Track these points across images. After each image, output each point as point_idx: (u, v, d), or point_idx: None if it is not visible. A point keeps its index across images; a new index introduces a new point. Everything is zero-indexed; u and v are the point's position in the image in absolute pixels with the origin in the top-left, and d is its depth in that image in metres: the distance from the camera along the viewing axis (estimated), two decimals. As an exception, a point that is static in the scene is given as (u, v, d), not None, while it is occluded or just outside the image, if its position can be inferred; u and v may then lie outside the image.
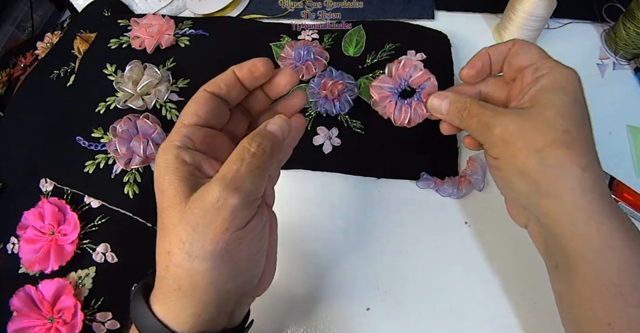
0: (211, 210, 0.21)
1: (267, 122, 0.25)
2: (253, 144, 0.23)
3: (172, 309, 0.23)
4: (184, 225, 0.22)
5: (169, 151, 0.24)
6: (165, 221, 0.23)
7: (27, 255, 0.39)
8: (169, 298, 0.23)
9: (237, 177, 0.22)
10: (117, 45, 0.51)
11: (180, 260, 0.22)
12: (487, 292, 0.37)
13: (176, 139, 0.24)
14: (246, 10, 0.55)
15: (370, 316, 0.36)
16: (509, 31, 0.47)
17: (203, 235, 0.21)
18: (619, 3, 0.49)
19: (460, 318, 0.36)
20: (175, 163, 0.23)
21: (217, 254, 0.22)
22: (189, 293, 0.23)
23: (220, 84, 0.27)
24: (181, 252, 0.22)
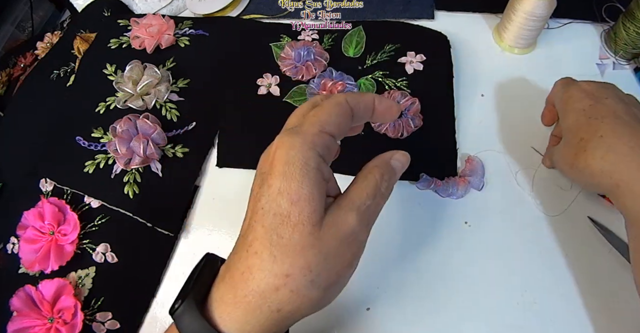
0: (345, 242, 0.21)
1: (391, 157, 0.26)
2: (384, 183, 0.24)
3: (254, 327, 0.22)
4: (316, 252, 0.21)
5: (311, 155, 0.22)
6: (292, 239, 0.21)
7: (27, 255, 0.39)
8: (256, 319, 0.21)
9: (369, 213, 0.22)
10: (117, 45, 0.51)
11: (301, 287, 0.21)
12: (487, 291, 0.37)
13: (318, 144, 0.22)
14: (246, 10, 0.55)
15: (370, 316, 0.36)
16: (509, 31, 0.47)
17: (332, 267, 0.21)
18: (619, 3, 0.49)
19: (460, 318, 0.36)
20: (316, 175, 0.22)
21: (333, 285, 0.22)
22: (284, 316, 0.22)
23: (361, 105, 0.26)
24: (305, 280, 0.21)
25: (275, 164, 0.22)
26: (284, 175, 0.21)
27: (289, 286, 0.21)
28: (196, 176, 0.43)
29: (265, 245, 0.21)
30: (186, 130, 0.45)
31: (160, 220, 0.40)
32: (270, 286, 0.21)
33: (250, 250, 0.22)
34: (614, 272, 0.36)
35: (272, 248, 0.21)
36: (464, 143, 0.43)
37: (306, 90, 0.46)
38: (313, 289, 0.21)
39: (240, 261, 0.22)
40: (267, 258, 0.21)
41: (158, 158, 0.42)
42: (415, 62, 0.46)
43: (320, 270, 0.21)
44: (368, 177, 0.24)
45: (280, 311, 0.21)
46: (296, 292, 0.21)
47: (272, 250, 0.21)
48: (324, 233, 0.21)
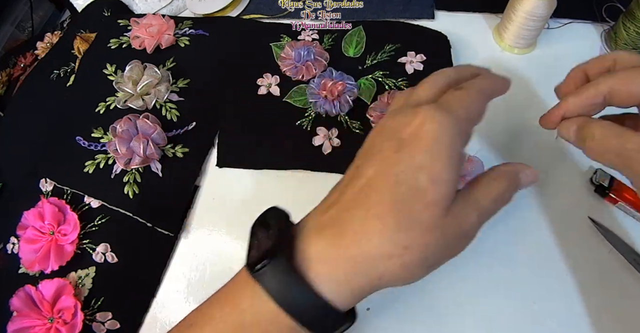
0: (462, 236, 0.22)
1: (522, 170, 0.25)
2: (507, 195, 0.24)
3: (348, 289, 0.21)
4: (438, 235, 0.21)
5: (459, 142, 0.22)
6: (421, 216, 0.21)
7: (27, 255, 0.39)
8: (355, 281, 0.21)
9: (487, 216, 0.23)
10: (117, 45, 0.51)
11: (411, 262, 0.21)
12: (486, 291, 0.37)
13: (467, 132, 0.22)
14: (246, 10, 0.55)
15: (370, 316, 0.36)
16: (509, 31, 0.47)
17: (442, 253, 0.22)
18: (619, 3, 0.49)
19: (461, 319, 0.36)
20: (459, 163, 0.22)
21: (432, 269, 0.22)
22: (380, 284, 0.22)
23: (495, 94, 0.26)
24: (419, 257, 0.21)
25: (422, 137, 0.21)
26: (430, 153, 0.21)
27: (403, 258, 0.21)
28: (196, 176, 0.43)
29: (392, 212, 0.21)
30: (186, 130, 0.45)
31: (160, 220, 0.40)
32: (384, 253, 0.21)
33: (371, 212, 0.21)
34: (614, 272, 0.36)
35: (399, 218, 0.21)
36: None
37: (306, 90, 0.46)
38: (420, 267, 0.22)
39: (354, 221, 0.22)
40: (392, 226, 0.21)
41: (158, 158, 0.42)
42: (416, 62, 0.46)
43: (433, 252, 0.21)
44: (496, 182, 0.24)
45: (381, 279, 0.21)
46: (405, 266, 0.21)
47: (398, 219, 0.21)
48: (449, 220, 0.21)
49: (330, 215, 0.23)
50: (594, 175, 0.40)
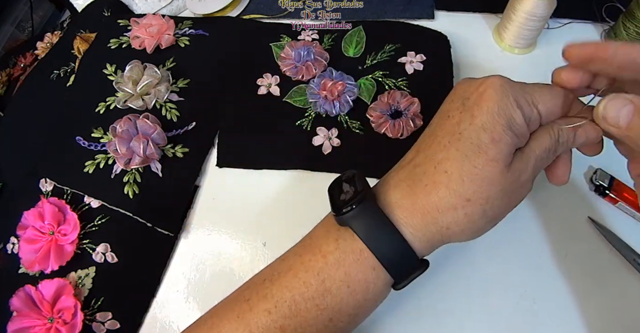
0: (520, 188, 0.24)
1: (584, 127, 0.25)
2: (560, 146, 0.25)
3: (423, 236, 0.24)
4: (499, 189, 0.23)
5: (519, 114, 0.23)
6: (483, 171, 0.23)
7: (27, 255, 0.39)
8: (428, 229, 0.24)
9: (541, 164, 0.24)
10: (117, 45, 0.51)
11: (474, 213, 0.23)
12: (486, 291, 0.37)
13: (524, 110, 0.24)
14: (246, 10, 0.55)
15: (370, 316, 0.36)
16: (509, 31, 0.47)
17: (503, 205, 0.23)
18: (619, 3, 0.49)
19: (460, 318, 0.36)
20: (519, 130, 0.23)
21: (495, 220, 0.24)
22: (449, 234, 0.24)
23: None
24: (480, 208, 0.23)
25: (485, 99, 0.23)
26: (492, 115, 0.23)
27: (466, 209, 0.23)
28: (196, 176, 0.43)
29: (457, 167, 0.23)
30: (186, 130, 0.45)
31: (160, 220, 0.40)
32: (450, 204, 0.23)
33: (439, 167, 0.24)
34: (613, 272, 0.36)
35: (463, 172, 0.23)
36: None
37: (306, 90, 0.46)
38: (482, 218, 0.23)
39: (426, 175, 0.24)
40: (456, 179, 0.23)
41: (158, 158, 0.42)
42: (416, 62, 0.46)
43: (494, 204, 0.23)
44: (549, 134, 0.25)
45: (449, 229, 0.24)
46: (468, 216, 0.23)
47: (462, 173, 0.23)
48: (509, 175, 0.23)
49: (405, 171, 0.26)
50: (593, 175, 0.40)
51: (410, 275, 0.25)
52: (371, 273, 0.24)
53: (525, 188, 0.25)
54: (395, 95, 0.43)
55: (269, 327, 0.24)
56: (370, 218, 0.24)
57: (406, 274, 0.25)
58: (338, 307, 0.24)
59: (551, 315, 0.35)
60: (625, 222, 0.38)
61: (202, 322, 0.26)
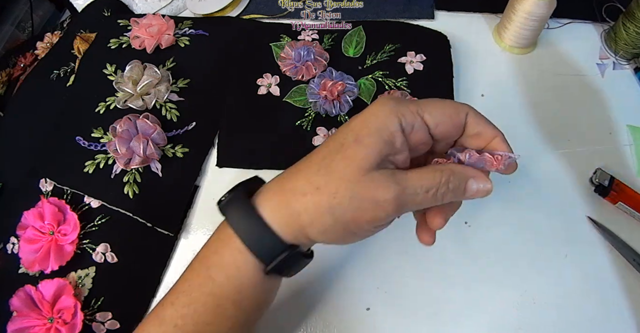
0: (372, 203, 0.23)
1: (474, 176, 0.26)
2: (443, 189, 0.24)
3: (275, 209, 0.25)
4: (348, 187, 0.23)
5: (392, 120, 0.24)
6: (337, 166, 0.24)
7: (27, 255, 0.39)
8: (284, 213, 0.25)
9: (409, 200, 0.24)
10: (117, 45, 0.51)
11: (321, 205, 0.24)
12: (486, 291, 0.37)
13: (405, 117, 0.25)
14: (246, 10, 0.55)
15: (370, 316, 0.36)
16: (509, 31, 0.47)
17: (351, 210, 0.23)
18: (619, 3, 0.49)
19: (460, 318, 0.36)
20: (388, 137, 0.24)
21: (346, 230, 0.24)
22: (301, 222, 0.24)
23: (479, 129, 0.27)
24: (327, 201, 0.24)
25: (364, 112, 0.25)
26: (364, 121, 0.25)
27: (314, 198, 0.24)
28: (196, 176, 0.43)
29: (319, 159, 0.25)
30: (186, 130, 0.45)
31: (160, 220, 0.40)
32: (302, 189, 0.25)
33: (307, 159, 0.26)
34: (613, 272, 0.37)
35: (321, 164, 0.25)
36: (464, 143, 0.43)
37: (306, 90, 0.46)
38: (328, 213, 0.24)
39: (296, 165, 0.26)
40: (313, 169, 0.25)
41: (158, 158, 0.42)
42: (415, 62, 0.46)
43: (341, 202, 0.23)
44: (436, 173, 0.25)
45: (300, 216, 0.24)
46: (316, 206, 0.24)
47: (320, 165, 0.25)
48: (363, 181, 0.23)
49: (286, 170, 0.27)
50: (593, 175, 0.40)
51: (276, 257, 0.25)
52: (239, 256, 0.25)
53: (380, 209, 0.23)
54: (395, 95, 0.43)
55: (173, 316, 0.26)
56: (235, 203, 0.26)
57: (271, 254, 0.25)
58: (220, 292, 0.25)
59: (551, 314, 0.35)
60: (625, 222, 0.38)
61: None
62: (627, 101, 0.46)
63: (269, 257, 0.25)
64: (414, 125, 0.25)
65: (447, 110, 0.26)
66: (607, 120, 0.44)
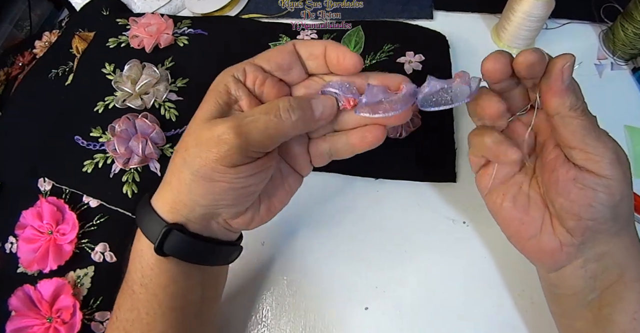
0: (213, 139, 0.24)
1: (316, 97, 0.27)
2: (284, 109, 0.25)
3: (160, 196, 0.28)
4: (194, 138, 0.26)
5: (224, 77, 0.27)
6: (190, 129, 0.27)
7: (26, 254, 0.39)
8: (163, 189, 0.28)
9: (250, 126, 0.25)
10: (116, 44, 0.51)
11: (178, 163, 0.26)
12: (485, 290, 0.37)
13: (236, 70, 0.27)
14: (245, 10, 0.55)
15: (368, 315, 0.36)
16: (508, 31, 0.48)
17: (199, 153, 0.25)
18: (617, 3, 0.49)
19: (459, 318, 0.36)
20: (223, 88, 0.27)
21: (201, 172, 0.25)
22: (174, 188, 0.27)
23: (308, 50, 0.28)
24: (180, 156, 0.26)
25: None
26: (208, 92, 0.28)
27: (174, 160, 0.27)
28: (195, 176, 0.43)
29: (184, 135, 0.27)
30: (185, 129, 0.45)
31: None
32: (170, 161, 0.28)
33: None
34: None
35: (183, 135, 0.27)
36: (463, 143, 0.43)
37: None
38: (183, 166, 0.26)
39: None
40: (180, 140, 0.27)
41: (157, 157, 0.42)
42: (414, 62, 0.46)
43: (191, 152, 0.25)
44: (275, 100, 0.26)
45: (171, 184, 0.27)
46: (176, 164, 0.27)
47: (182, 136, 0.27)
48: (204, 127, 0.25)
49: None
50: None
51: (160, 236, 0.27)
52: (140, 242, 0.28)
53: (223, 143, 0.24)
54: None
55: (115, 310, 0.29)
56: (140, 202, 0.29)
57: (156, 235, 0.27)
58: (130, 278, 0.28)
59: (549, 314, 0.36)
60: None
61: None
62: (624, 101, 0.46)
63: (154, 236, 0.27)
64: (245, 70, 0.27)
65: (274, 48, 0.28)
66: (604, 121, 0.44)
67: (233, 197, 0.26)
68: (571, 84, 0.26)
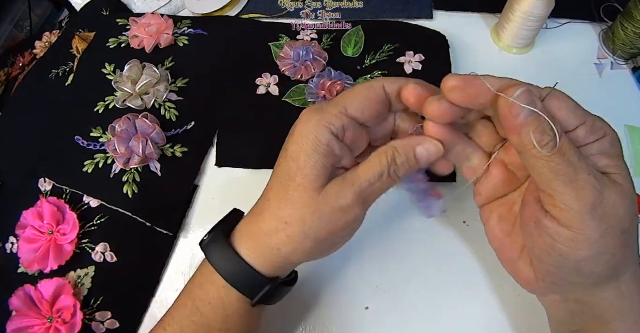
0: (339, 212, 0.25)
1: (419, 143, 0.25)
2: (393, 167, 0.25)
3: (261, 257, 0.27)
4: (312, 211, 0.25)
5: (323, 133, 0.25)
6: (294, 196, 0.25)
7: (26, 254, 0.39)
8: (263, 251, 0.26)
9: (370, 191, 0.25)
10: (116, 44, 0.51)
11: (295, 235, 0.25)
12: (484, 291, 0.37)
13: (334, 124, 0.25)
14: (245, 10, 0.55)
15: (369, 315, 0.36)
16: (508, 31, 0.48)
17: (324, 226, 0.25)
18: (617, 3, 0.49)
19: (459, 317, 0.36)
20: (326, 150, 0.25)
21: (323, 241, 0.26)
22: (283, 255, 0.26)
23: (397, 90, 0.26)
24: (299, 230, 0.25)
25: (294, 134, 0.26)
26: (298, 145, 0.25)
27: (287, 231, 0.25)
28: (195, 176, 0.43)
29: (275, 195, 0.26)
30: (185, 129, 0.45)
31: (160, 219, 0.40)
32: (273, 228, 0.26)
33: (265, 197, 0.27)
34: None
35: (280, 198, 0.26)
36: (463, 143, 0.43)
37: (305, 90, 0.46)
38: (305, 239, 0.25)
39: (258, 205, 0.28)
40: (275, 205, 0.26)
41: (157, 158, 0.42)
42: (414, 62, 0.46)
43: (312, 226, 0.25)
44: (381, 156, 0.25)
45: (280, 250, 0.26)
46: (292, 238, 0.25)
47: (279, 200, 0.26)
48: (322, 198, 0.25)
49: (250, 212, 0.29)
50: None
51: (260, 290, 0.27)
52: (223, 290, 0.27)
53: (348, 213, 0.25)
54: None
55: None
56: (215, 244, 0.27)
57: (254, 289, 0.27)
58: (207, 322, 0.27)
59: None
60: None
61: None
62: (624, 101, 0.46)
63: (253, 292, 0.27)
64: (344, 126, 0.26)
65: (364, 92, 0.26)
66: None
67: (338, 247, 0.28)
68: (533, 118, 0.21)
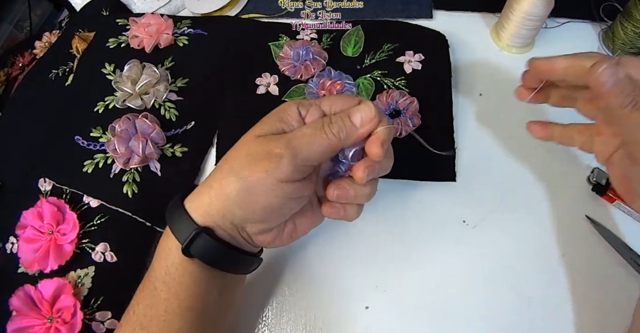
0: (265, 153, 0.27)
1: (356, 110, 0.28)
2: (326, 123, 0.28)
3: (195, 198, 0.29)
4: (246, 150, 0.28)
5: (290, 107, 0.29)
6: (242, 140, 0.29)
7: (26, 254, 0.39)
8: (201, 191, 0.29)
9: (299, 140, 0.27)
10: (116, 44, 0.51)
11: (226, 167, 0.28)
12: (484, 290, 0.37)
13: (301, 106, 0.29)
14: (245, 10, 0.55)
15: (369, 315, 0.36)
16: (507, 30, 0.48)
17: (249, 164, 0.27)
18: (617, 2, 0.49)
19: (458, 316, 0.36)
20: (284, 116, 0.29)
21: (247, 183, 0.27)
22: (213, 193, 0.28)
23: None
24: (230, 164, 0.28)
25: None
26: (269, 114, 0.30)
27: (221, 167, 0.28)
28: (195, 175, 0.43)
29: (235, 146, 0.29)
30: (185, 129, 0.45)
31: (160, 219, 0.40)
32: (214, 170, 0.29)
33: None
34: (610, 270, 0.37)
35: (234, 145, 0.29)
36: (462, 142, 0.43)
37: (305, 89, 0.46)
38: (230, 174, 0.27)
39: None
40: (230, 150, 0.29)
41: (157, 157, 0.42)
42: (414, 62, 0.46)
43: (241, 162, 0.27)
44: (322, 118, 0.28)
45: (212, 187, 0.28)
46: (221, 173, 0.28)
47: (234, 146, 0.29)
48: (257, 141, 0.28)
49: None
50: (591, 174, 0.40)
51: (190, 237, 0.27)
52: (169, 240, 0.29)
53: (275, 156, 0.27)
54: (393, 95, 0.43)
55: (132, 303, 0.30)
56: (171, 202, 0.30)
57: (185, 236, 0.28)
58: (154, 275, 0.29)
59: (548, 314, 0.36)
60: (623, 221, 0.39)
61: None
62: (624, 100, 0.46)
63: (184, 237, 0.28)
64: (309, 109, 0.29)
65: (342, 97, 0.30)
66: (604, 120, 0.44)
67: (266, 213, 0.28)
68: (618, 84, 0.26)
